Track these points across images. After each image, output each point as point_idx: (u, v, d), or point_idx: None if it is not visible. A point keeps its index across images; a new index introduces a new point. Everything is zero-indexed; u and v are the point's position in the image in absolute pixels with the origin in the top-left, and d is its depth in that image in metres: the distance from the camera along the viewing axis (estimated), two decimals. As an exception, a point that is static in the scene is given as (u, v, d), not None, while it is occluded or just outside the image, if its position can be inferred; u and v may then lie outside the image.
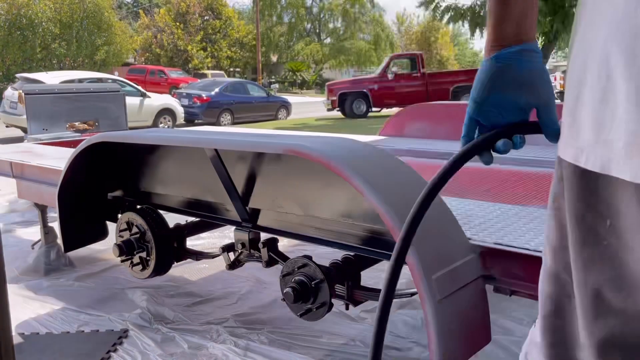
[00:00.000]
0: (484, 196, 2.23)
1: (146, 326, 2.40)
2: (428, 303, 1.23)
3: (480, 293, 1.38)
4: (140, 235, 2.26)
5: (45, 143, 4.02)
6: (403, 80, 15.76)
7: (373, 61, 35.50)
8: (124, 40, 25.87)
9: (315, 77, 37.41)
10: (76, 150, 2.21)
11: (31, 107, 4.46)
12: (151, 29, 32.63)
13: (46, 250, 3.16)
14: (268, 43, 36.11)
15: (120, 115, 4.94)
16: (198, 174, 2.10)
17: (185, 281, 2.97)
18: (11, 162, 3.08)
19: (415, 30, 40.64)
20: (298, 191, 1.76)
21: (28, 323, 2.47)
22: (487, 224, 1.61)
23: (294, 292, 1.69)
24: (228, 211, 2.05)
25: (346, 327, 2.37)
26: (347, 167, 1.37)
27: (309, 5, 38.09)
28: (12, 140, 7.32)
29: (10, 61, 22.20)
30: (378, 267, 1.85)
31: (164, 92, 17.47)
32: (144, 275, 2.29)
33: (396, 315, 2.47)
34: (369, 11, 37.62)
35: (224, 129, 8.70)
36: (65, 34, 23.43)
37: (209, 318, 2.49)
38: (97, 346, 2.23)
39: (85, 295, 2.76)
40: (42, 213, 3.16)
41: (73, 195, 2.37)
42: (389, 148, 3.29)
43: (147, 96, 12.52)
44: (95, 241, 2.57)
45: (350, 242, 1.65)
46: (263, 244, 1.95)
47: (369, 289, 1.80)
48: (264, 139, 1.63)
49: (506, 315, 2.42)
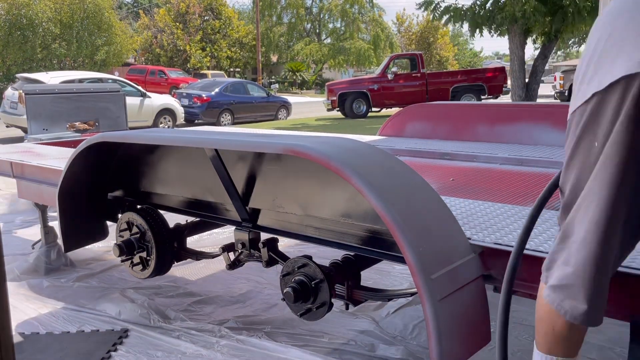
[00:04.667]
0: (484, 196, 2.24)
1: (146, 326, 2.40)
2: (428, 303, 1.23)
3: (480, 293, 1.38)
4: (141, 235, 2.26)
5: (45, 143, 4.02)
6: (403, 81, 15.77)
7: (372, 61, 35.48)
8: (124, 40, 25.84)
9: (315, 77, 37.40)
10: (76, 150, 2.21)
11: (31, 107, 4.47)
12: (151, 29, 32.62)
13: (46, 250, 3.17)
14: (268, 43, 36.08)
15: (120, 115, 4.94)
16: (198, 174, 2.10)
17: (185, 281, 2.97)
18: (11, 162, 3.08)
19: (415, 31, 40.62)
20: (298, 191, 1.77)
21: (28, 323, 2.47)
22: (487, 224, 1.62)
23: (294, 292, 1.69)
24: (228, 211, 2.05)
25: (346, 326, 2.37)
26: (347, 167, 1.37)
27: (308, 6, 38.06)
28: (13, 140, 7.33)
29: (11, 61, 22.19)
30: (378, 267, 1.85)
31: (164, 92, 17.47)
32: (144, 275, 2.29)
33: (396, 315, 2.47)
34: (368, 11, 37.60)
35: (224, 129, 8.70)
36: (66, 34, 23.42)
37: (209, 318, 2.49)
38: (98, 346, 2.23)
39: (85, 295, 2.76)
40: (42, 213, 3.16)
41: (73, 195, 2.37)
42: (388, 148, 3.29)
43: (147, 96, 12.52)
44: (95, 241, 2.57)
45: (350, 242, 1.65)
46: (263, 244, 1.95)
47: (369, 289, 1.80)
48: (264, 139, 1.63)
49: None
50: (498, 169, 2.84)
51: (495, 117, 3.63)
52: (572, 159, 1.02)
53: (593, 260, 0.98)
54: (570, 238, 1.03)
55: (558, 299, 1.04)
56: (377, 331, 2.32)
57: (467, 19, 10.95)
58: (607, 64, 0.94)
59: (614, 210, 0.96)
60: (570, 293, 1.02)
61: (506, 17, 10.19)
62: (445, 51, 40.83)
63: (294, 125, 13.92)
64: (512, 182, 2.50)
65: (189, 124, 13.87)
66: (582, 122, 0.99)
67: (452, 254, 1.35)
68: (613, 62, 0.93)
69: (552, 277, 1.06)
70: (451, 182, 2.55)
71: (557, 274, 1.05)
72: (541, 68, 11.44)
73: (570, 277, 1.02)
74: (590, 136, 0.98)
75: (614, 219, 0.96)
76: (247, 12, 42.12)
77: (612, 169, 0.94)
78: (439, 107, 4.26)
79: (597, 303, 1.01)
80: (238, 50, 34.43)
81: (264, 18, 35.67)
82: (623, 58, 0.92)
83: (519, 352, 2.12)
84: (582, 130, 0.99)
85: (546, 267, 1.09)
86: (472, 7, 11.01)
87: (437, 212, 1.41)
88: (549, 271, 1.08)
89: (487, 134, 3.56)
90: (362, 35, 37.48)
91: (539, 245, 1.41)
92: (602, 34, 0.97)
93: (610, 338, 2.16)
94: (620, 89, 0.92)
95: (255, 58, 31.93)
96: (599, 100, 0.96)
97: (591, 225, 0.98)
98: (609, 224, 0.96)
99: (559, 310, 1.04)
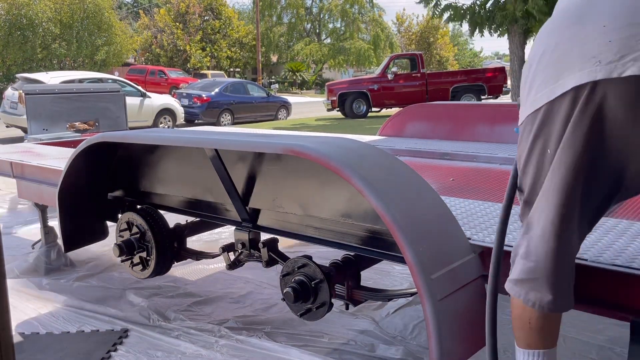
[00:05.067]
0: (484, 196, 2.24)
1: (146, 326, 2.40)
2: (428, 303, 1.23)
3: (480, 293, 1.39)
4: (141, 235, 2.26)
5: (45, 143, 4.02)
6: (403, 81, 15.76)
7: (372, 61, 35.46)
8: (124, 40, 25.83)
9: (315, 77, 37.39)
10: (76, 150, 2.21)
11: (31, 107, 4.47)
12: (151, 29, 32.61)
13: (46, 250, 3.16)
14: (268, 43, 36.07)
15: (120, 115, 4.94)
16: (198, 174, 2.10)
17: (185, 281, 2.97)
18: (11, 162, 3.08)
19: (415, 31, 40.60)
20: (298, 191, 1.77)
21: (28, 323, 2.47)
22: (487, 224, 1.62)
23: (294, 292, 1.69)
24: (228, 211, 2.05)
25: (346, 326, 2.37)
26: (347, 167, 1.37)
27: (308, 6, 38.03)
28: (13, 140, 7.33)
29: (11, 61, 22.18)
30: (378, 267, 1.85)
31: (164, 92, 17.46)
32: (144, 275, 2.29)
33: (396, 315, 2.47)
34: (368, 11, 37.59)
35: (224, 129, 8.70)
36: (66, 34, 23.41)
37: (209, 318, 2.49)
38: (98, 346, 2.23)
39: (85, 295, 2.76)
40: (42, 213, 3.16)
41: (73, 195, 2.37)
42: (388, 148, 3.29)
43: (147, 96, 12.51)
44: (95, 241, 2.57)
45: (350, 242, 1.65)
46: (263, 244, 1.95)
47: (369, 289, 1.80)
48: (264, 139, 1.63)
49: (506, 314, 2.42)
50: (498, 169, 2.84)
51: (495, 117, 3.63)
52: (528, 163, 1.11)
53: (552, 254, 1.07)
54: (527, 234, 1.12)
55: (523, 291, 1.12)
56: (377, 331, 2.32)
57: (467, 18, 10.94)
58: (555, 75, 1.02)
59: (567, 209, 1.05)
60: (534, 285, 1.10)
61: (506, 17, 10.18)
62: (445, 51, 40.82)
63: (294, 125, 13.91)
64: (512, 182, 2.50)
65: (189, 124, 13.87)
66: (534, 129, 1.07)
67: (452, 254, 1.35)
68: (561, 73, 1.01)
69: (513, 272, 1.15)
70: (451, 182, 2.55)
71: (518, 267, 1.13)
72: (541, 68, 11.42)
73: (532, 271, 1.10)
74: (542, 142, 1.07)
75: (568, 216, 1.05)
76: (247, 12, 42.09)
77: (563, 171, 1.03)
78: (439, 107, 4.26)
79: (562, 290, 1.09)
80: (238, 50, 34.43)
81: (264, 18, 35.66)
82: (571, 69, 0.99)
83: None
84: (535, 136, 1.08)
85: (511, 261, 1.17)
86: (472, 6, 11.00)
87: (437, 212, 1.41)
88: (512, 266, 1.17)
89: (487, 134, 3.56)
90: (362, 35, 37.46)
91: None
92: (548, 45, 1.05)
93: (610, 338, 2.16)
94: (568, 99, 1.00)
95: (255, 58, 31.92)
96: (548, 109, 1.04)
97: (547, 223, 1.07)
98: (563, 221, 1.06)
99: (526, 303, 1.12)
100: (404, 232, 1.26)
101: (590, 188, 1.05)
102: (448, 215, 1.43)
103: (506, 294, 1.28)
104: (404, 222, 1.28)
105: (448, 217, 1.43)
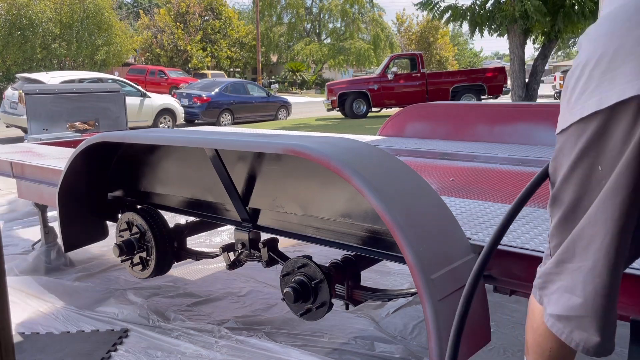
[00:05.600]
0: (484, 196, 2.24)
1: (146, 326, 2.40)
2: (428, 303, 1.23)
3: (480, 293, 1.39)
4: (141, 235, 2.26)
5: (45, 143, 4.02)
6: (403, 81, 15.77)
7: (372, 61, 35.48)
8: (124, 40, 25.83)
9: (315, 77, 37.41)
10: (76, 150, 2.21)
11: (31, 107, 4.46)
12: (151, 29, 32.62)
13: (46, 250, 3.17)
14: (268, 43, 36.09)
15: (120, 115, 4.94)
16: (198, 174, 2.10)
17: (185, 281, 2.97)
18: (11, 162, 3.08)
19: (415, 31, 40.61)
20: (298, 191, 1.77)
21: (28, 323, 2.47)
22: (487, 224, 1.62)
23: (294, 292, 1.69)
24: (228, 211, 2.05)
25: (346, 326, 2.37)
26: (347, 167, 1.37)
27: (308, 6, 38.05)
28: (12, 140, 7.33)
29: (11, 61, 22.18)
30: (378, 267, 1.85)
31: (164, 92, 17.46)
32: (144, 275, 2.29)
33: (396, 315, 2.47)
34: (368, 11, 37.61)
35: (224, 129, 8.70)
36: (66, 34, 23.41)
37: (209, 318, 2.49)
38: (97, 346, 2.23)
39: (85, 295, 2.76)
40: (42, 213, 3.16)
41: (73, 195, 2.37)
42: (388, 148, 3.29)
43: (147, 96, 12.52)
44: (95, 241, 2.57)
45: (350, 242, 1.65)
46: (263, 244, 1.95)
47: (369, 289, 1.80)
48: (264, 139, 1.63)
49: (507, 314, 2.42)
50: (498, 169, 2.84)
51: (495, 117, 3.63)
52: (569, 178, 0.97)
53: (604, 291, 0.95)
54: (570, 264, 0.98)
55: (567, 330, 0.99)
56: (377, 331, 2.32)
57: (467, 18, 10.95)
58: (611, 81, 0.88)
59: (624, 240, 0.92)
60: (580, 324, 0.97)
61: (506, 17, 10.19)
62: (445, 51, 40.82)
63: (294, 125, 13.92)
64: (512, 182, 2.50)
65: (189, 124, 13.88)
66: (583, 141, 0.93)
67: (452, 254, 1.35)
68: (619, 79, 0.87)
69: (554, 304, 1.01)
70: (451, 182, 2.55)
71: (561, 302, 1.00)
72: (541, 68, 11.44)
73: (579, 308, 0.97)
74: (591, 157, 0.93)
75: (623, 248, 0.93)
76: (247, 12, 42.13)
77: (624, 197, 0.89)
78: (439, 107, 4.26)
79: (610, 333, 0.97)
80: (238, 50, 34.44)
81: (264, 18, 35.68)
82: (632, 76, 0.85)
83: (519, 352, 2.12)
84: (582, 149, 0.93)
85: (540, 286, 1.05)
86: (472, 6, 11.01)
87: (437, 212, 1.41)
88: (542, 290, 1.04)
89: (487, 134, 3.57)
90: (362, 35, 37.48)
91: (538, 245, 1.41)
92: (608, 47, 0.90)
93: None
94: (630, 111, 0.86)
95: (255, 58, 31.94)
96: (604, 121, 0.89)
97: (600, 255, 0.93)
98: (619, 253, 0.93)
99: (568, 342, 0.99)
100: (404, 232, 1.26)
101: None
102: (448, 215, 1.43)
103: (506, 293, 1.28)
104: (404, 222, 1.28)
105: (448, 217, 1.43)
